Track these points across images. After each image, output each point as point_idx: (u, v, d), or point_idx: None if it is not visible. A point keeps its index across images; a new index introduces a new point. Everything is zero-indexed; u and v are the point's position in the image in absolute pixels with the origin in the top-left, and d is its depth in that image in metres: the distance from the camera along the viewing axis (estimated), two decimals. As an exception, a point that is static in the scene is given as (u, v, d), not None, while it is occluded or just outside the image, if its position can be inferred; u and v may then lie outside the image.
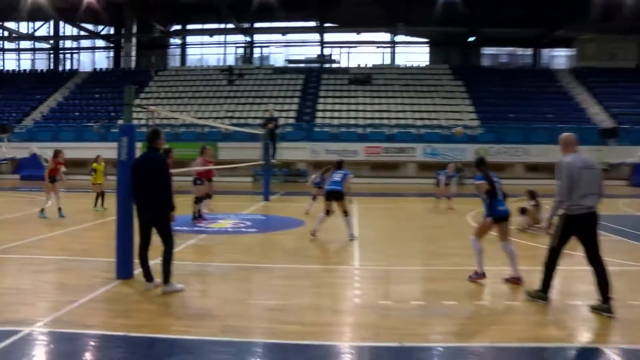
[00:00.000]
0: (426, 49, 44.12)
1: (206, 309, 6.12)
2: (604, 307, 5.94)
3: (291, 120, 33.29)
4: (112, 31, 46.14)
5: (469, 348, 5.07)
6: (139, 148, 8.09)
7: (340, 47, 44.43)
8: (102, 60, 47.09)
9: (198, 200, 13.21)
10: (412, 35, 43.16)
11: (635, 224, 13.12)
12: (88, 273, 7.57)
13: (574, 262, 7.72)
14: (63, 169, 14.23)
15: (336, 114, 34.04)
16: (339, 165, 11.56)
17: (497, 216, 7.33)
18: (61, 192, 14.25)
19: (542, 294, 6.42)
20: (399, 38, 43.45)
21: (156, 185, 6.81)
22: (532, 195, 12.40)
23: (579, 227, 6.14)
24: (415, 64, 41.67)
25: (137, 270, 7.56)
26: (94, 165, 15.67)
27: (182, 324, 5.61)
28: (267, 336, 5.36)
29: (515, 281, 7.29)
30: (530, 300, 6.45)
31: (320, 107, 34.86)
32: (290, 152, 25.01)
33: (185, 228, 12.14)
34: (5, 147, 30.39)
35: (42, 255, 9.12)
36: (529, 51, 44.17)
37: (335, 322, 5.83)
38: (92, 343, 5.23)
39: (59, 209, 13.69)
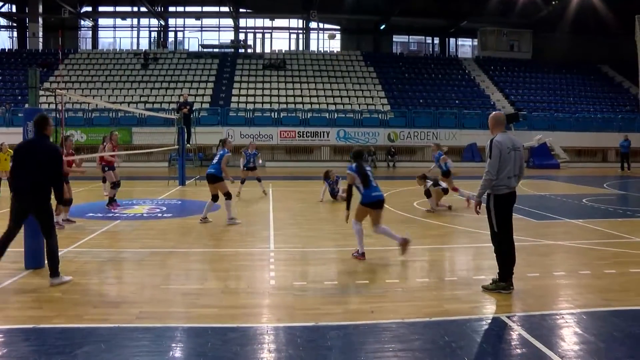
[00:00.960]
0: (339, 35, 44.60)
1: (122, 296, 5.96)
2: (500, 285, 6.14)
3: (206, 105, 32.68)
4: (14, 9, 43.10)
5: (381, 324, 5.21)
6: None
7: (255, 32, 43.99)
8: (5, 40, 43.98)
9: (114, 185, 12.70)
10: (325, 22, 43.39)
11: (533, 203, 13.97)
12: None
13: (481, 240, 8.12)
14: None
15: (251, 99, 33.76)
16: (221, 145, 11.22)
17: (367, 202, 7.73)
18: None
19: (502, 284, 6.15)
20: (313, 25, 43.56)
21: (41, 174, 6.41)
22: (424, 177, 12.70)
23: (504, 206, 6.14)
24: (328, 50, 42.01)
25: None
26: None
27: (97, 312, 5.43)
28: (184, 320, 5.29)
29: (360, 257, 7.76)
30: (489, 292, 6.15)
31: (235, 91, 34.44)
32: (206, 136, 24.51)
33: (100, 214, 11.72)
34: None
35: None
36: (436, 40, 45.77)
37: (251, 305, 5.83)
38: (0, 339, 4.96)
39: None
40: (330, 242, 9.13)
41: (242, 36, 43.24)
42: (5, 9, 42.53)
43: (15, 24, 43.62)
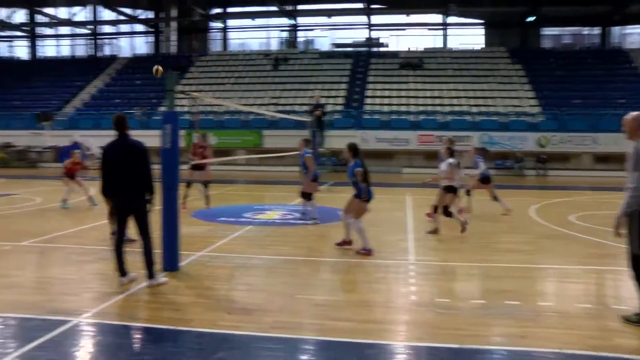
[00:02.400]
0: (481, 30, 43.24)
1: (255, 304, 6.18)
2: None
3: (339, 107, 33.26)
4: (151, 15, 46.98)
5: (535, 353, 4.93)
6: (182, 135, 8.21)
7: (390, 29, 44.05)
8: (142, 45, 48.10)
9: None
10: (465, 16, 42.37)
11: None
12: (132, 265, 7.73)
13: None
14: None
15: (386, 101, 33.83)
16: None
17: (370, 198, 8.86)
18: (87, 181, 14.80)
19: None
20: (452, 19, 42.73)
21: (133, 172, 6.72)
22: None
23: None
24: (469, 47, 40.89)
25: (183, 262, 7.74)
26: None
27: (231, 319, 5.68)
28: (319, 333, 5.36)
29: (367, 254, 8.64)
30: (631, 325, 5.63)
31: (369, 93, 34.70)
32: (339, 140, 24.93)
33: (232, 219, 12.31)
34: (48, 135, 31.42)
35: (86, 245, 9.41)
36: (596, 30, 42.67)
37: (389, 320, 5.80)
38: (139, 336, 5.37)
39: (90, 197, 14.34)
40: (476, 257, 8.86)
41: (375, 34, 43.55)
42: (143, 15, 46.45)
43: (152, 30, 47.51)
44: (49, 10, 45.72)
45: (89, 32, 48.71)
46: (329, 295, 6.62)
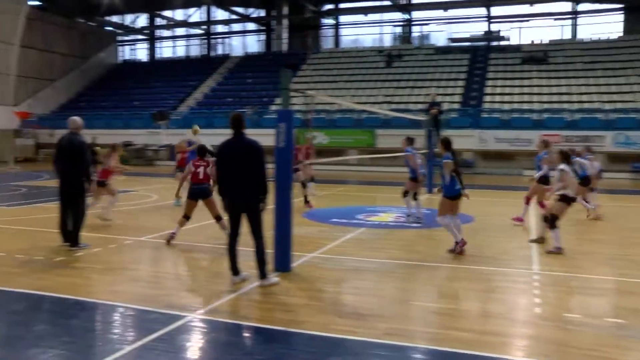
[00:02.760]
0: (619, 17, 40.36)
1: (368, 309, 6.18)
2: None
3: (456, 105, 32.69)
4: (262, 14, 48.46)
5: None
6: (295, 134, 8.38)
7: (511, 21, 42.56)
8: (253, 44, 49.79)
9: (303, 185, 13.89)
10: (600, 1, 39.98)
11: None
12: (245, 264, 8.00)
13: None
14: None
15: (507, 98, 32.80)
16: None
17: (454, 194, 9.18)
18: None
19: None
20: (583, 6, 40.53)
21: (248, 172, 6.84)
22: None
23: None
24: (603, 37, 38.49)
25: (295, 264, 7.89)
26: None
27: (343, 323, 5.72)
28: (435, 342, 5.28)
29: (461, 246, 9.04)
30: None
31: (488, 90, 33.81)
32: (456, 140, 24.35)
33: (344, 220, 12.44)
34: (164, 133, 33.28)
35: (198, 242, 9.85)
36: None
37: (512, 333, 5.61)
38: (251, 335, 5.56)
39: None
40: (609, 269, 8.35)
41: (495, 27, 42.25)
42: (254, 14, 48.04)
43: (263, 28, 49.00)
44: (167, 13, 48.59)
45: (203, 32, 51.12)
46: (445, 303, 6.52)
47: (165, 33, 53.52)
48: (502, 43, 40.41)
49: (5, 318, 5.97)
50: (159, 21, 51.11)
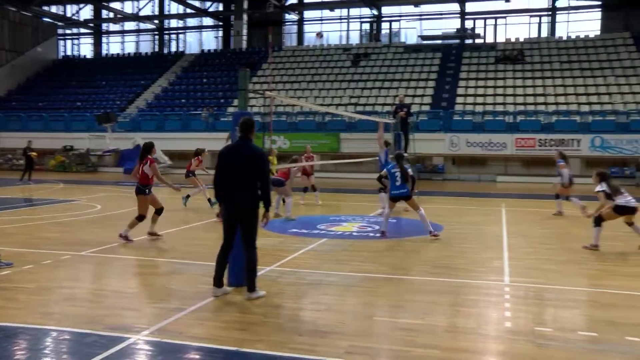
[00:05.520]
0: (597, 14, 41.41)
1: (329, 325, 6.20)
2: None
3: (426, 108, 33.01)
4: (220, 8, 48.31)
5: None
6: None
7: (485, 18, 43.30)
8: (210, 40, 49.61)
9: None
10: (577, -2, 40.97)
11: None
12: (197, 279, 7.95)
13: None
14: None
15: (480, 100, 33.33)
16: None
17: (390, 195, 11.77)
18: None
19: None
20: (561, 3, 41.43)
21: (248, 179, 7.00)
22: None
23: None
24: (582, 35, 39.37)
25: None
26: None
27: (302, 341, 5.72)
28: (400, 361, 5.33)
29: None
30: None
31: (460, 91, 34.32)
32: (425, 144, 24.84)
33: (304, 230, 12.46)
34: (109, 137, 32.79)
35: (146, 256, 9.77)
36: None
37: (482, 349, 5.69)
38: (200, 357, 5.48)
39: (209, 199, 15.78)
40: (583, 280, 8.58)
41: (469, 24, 42.96)
42: (212, 8, 47.83)
43: (221, 23, 48.83)
44: (115, 5, 47.96)
45: (155, 27, 50.67)
46: (411, 318, 6.55)
47: (113, 27, 52.88)
48: (476, 41, 41.08)
49: None
50: (105, 14, 50.46)
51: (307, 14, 47.75)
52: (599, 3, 41.05)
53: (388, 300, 7.35)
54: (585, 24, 41.21)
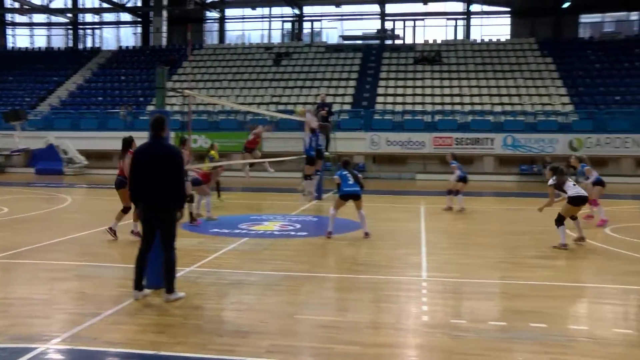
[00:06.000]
0: (507, 19, 43.18)
1: (250, 325, 6.18)
2: None
3: (347, 107, 33.31)
4: (139, 3, 47.23)
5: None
6: (172, 138, 8.26)
7: (405, 20, 44.16)
8: (129, 37, 48.42)
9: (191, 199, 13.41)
10: (490, 4, 42.42)
11: None
12: (112, 282, 7.75)
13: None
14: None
15: (399, 99, 33.89)
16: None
17: (341, 194, 11.61)
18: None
19: None
20: (475, 7, 42.77)
21: (164, 179, 6.89)
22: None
23: None
24: (494, 39, 40.85)
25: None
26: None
27: (222, 342, 5.68)
28: (321, 358, 5.37)
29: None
30: None
31: (380, 91, 34.79)
32: (346, 143, 25.05)
33: (225, 230, 12.35)
34: (18, 136, 31.40)
35: (59, 260, 9.38)
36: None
37: (400, 344, 5.80)
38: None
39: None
40: (496, 273, 8.89)
41: (389, 25, 43.65)
42: (130, 3, 46.70)
43: (140, 19, 47.74)
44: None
45: (68, 21, 48.92)
46: (333, 315, 6.62)
47: (20, 19, 50.36)
48: (396, 42, 41.81)
49: None
50: (9, 3, 48.06)
51: (229, 12, 47.31)
52: (508, 10, 42.74)
53: (309, 298, 7.39)
54: (497, 29, 42.85)
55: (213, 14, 46.77)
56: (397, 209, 16.85)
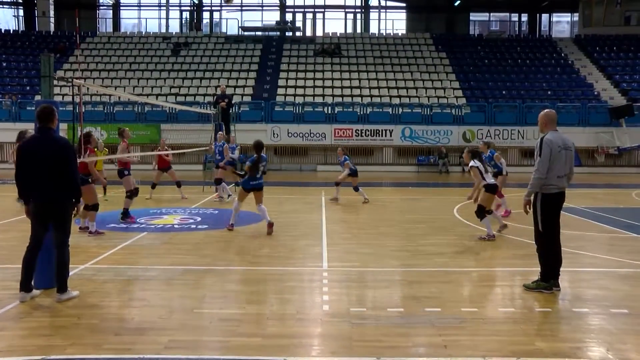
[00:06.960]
0: (403, 14, 44.40)
1: (149, 322, 6.04)
2: (542, 284, 7.16)
3: (247, 98, 33.12)
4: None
5: (458, 363, 5.12)
6: (63, 130, 7.92)
7: (305, 12, 44.36)
8: (9, 19, 45.55)
9: (131, 194, 12.88)
10: (387, -1, 43.36)
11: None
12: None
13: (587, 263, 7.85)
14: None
15: (300, 91, 34.04)
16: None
17: (248, 187, 11.54)
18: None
19: (544, 283, 7.18)
20: (373, 2, 43.54)
21: (54, 173, 6.61)
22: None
23: (552, 206, 7.15)
24: (391, 33, 41.89)
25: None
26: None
27: (119, 341, 5.51)
28: (222, 351, 5.31)
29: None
30: (530, 292, 7.16)
31: (281, 82, 34.81)
32: (247, 135, 24.89)
33: (123, 225, 12.02)
34: None
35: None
36: (524, 17, 44.88)
37: (300, 334, 5.82)
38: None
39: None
40: (394, 261, 9.08)
41: (289, 17, 43.71)
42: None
43: (20, 0, 45.16)
44: None
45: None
46: (234, 308, 6.57)
47: None
48: (296, 34, 41.93)
49: None
50: None
51: (124, -1, 45.92)
52: (404, 5, 43.85)
53: (209, 292, 7.30)
54: (394, 23, 43.83)
55: (107, 1, 45.16)
56: (299, 201, 16.94)
